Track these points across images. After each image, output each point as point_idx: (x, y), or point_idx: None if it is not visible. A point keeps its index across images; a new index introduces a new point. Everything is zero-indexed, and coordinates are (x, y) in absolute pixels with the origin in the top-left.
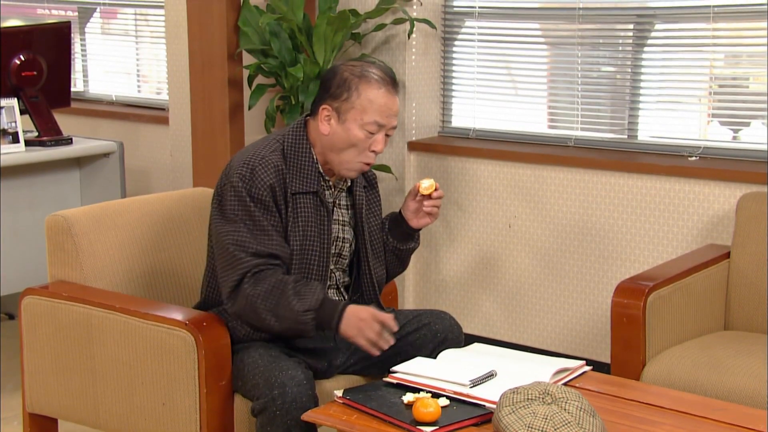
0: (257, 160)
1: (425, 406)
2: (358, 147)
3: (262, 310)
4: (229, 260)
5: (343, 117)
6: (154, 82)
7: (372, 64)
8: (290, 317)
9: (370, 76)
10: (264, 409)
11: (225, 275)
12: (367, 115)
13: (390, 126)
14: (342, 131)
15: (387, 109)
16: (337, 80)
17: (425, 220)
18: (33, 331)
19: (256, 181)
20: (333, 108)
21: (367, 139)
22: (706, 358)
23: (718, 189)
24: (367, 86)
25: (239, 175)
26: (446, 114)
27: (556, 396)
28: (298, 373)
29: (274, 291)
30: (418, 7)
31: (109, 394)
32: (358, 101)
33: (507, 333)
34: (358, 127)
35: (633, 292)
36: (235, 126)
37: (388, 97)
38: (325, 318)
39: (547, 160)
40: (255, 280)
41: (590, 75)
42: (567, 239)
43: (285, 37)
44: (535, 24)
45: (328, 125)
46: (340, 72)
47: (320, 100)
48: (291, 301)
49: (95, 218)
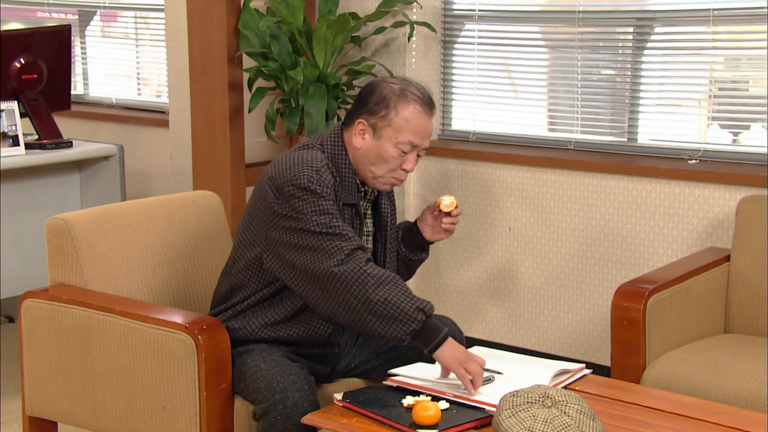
0: (317, 162)
1: (425, 409)
2: (390, 164)
3: (370, 287)
4: (329, 240)
5: (378, 133)
6: (154, 85)
7: (411, 83)
8: (400, 306)
9: (410, 95)
10: (265, 413)
11: (327, 255)
12: (402, 134)
13: (423, 147)
14: (375, 147)
15: (422, 130)
16: (376, 96)
17: (441, 236)
18: (33, 334)
19: (324, 181)
20: (369, 123)
21: (400, 157)
22: (706, 361)
23: (718, 192)
24: (405, 105)
25: (307, 176)
26: (446, 117)
27: (556, 399)
28: (300, 378)
29: (388, 278)
30: (418, 10)
31: (109, 398)
32: (396, 119)
33: (507, 336)
34: (392, 145)
35: (633, 295)
36: (235, 129)
37: (424, 118)
38: (427, 336)
39: (547, 163)
40: (372, 265)
41: (590, 78)
42: (567, 242)
43: (285, 40)
44: (535, 27)
45: (362, 139)
46: (380, 88)
47: (356, 113)
48: (407, 293)
49: (95, 221)
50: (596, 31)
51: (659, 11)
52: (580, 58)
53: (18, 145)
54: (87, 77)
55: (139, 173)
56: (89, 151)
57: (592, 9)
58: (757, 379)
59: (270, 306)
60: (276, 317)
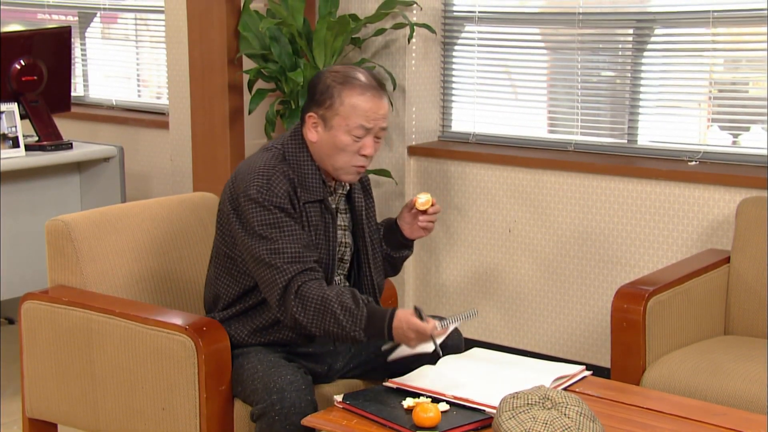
0: (269, 170)
1: (425, 411)
2: (347, 152)
3: (314, 332)
4: (268, 271)
5: (329, 124)
6: (154, 87)
7: (357, 69)
8: (344, 336)
9: (353, 81)
10: (263, 414)
11: (268, 288)
12: (351, 120)
13: (378, 128)
14: (329, 138)
15: (372, 113)
16: (320, 87)
17: (420, 234)
18: (33, 336)
19: (275, 189)
20: (318, 116)
21: (355, 143)
22: (706, 363)
23: (718, 194)
24: (350, 92)
25: (257, 186)
26: (446, 118)
27: (556, 401)
28: (297, 378)
29: (323, 314)
30: (418, 11)
31: (108, 399)
32: (341, 108)
33: (507, 338)
34: (344, 133)
35: (633, 297)
36: (235, 131)
37: (372, 101)
38: (376, 332)
39: (546, 165)
40: (300, 302)
41: (590, 80)
42: (567, 244)
43: (285, 41)
44: (535, 29)
45: (315, 132)
46: (323, 78)
47: (306, 107)
48: (341, 322)
49: (95, 223)
50: (596, 33)
51: (659, 13)
52: (579, 59)
53: (18, 146)
54: (87, 79)
55: (139, 175)
56: (89, 153)
57: (592, 10)
58: (757, 381)
59: (255, 313)
60: (262, 323)
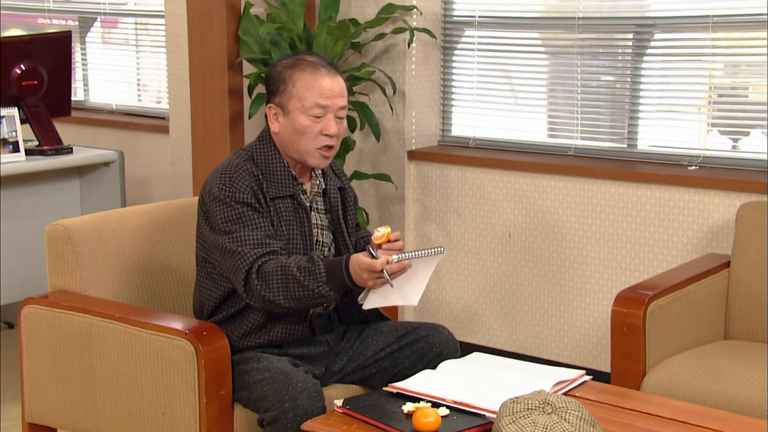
0: (232, 168)
1: (425, 415)
2: (308, 134)
3: (284, 303)
4: (232, 259)
5: (286, 110)
6: (154, 91)
7: (307, 53)
8: (311, 297)
9: (302, 63)
10: (274, 421)
11: (234, 275)
12: (306, 100)
13: (337, 107)
14: (290, 124)
15: (326, 90)
16: (273, 77)
17: None
18: (33, 341)
19: (237, 185)
20: (276, 104)
21: (315, 124)
22: (707, 368)
23: (718, 198)
24: (300, 73)
25: (219, 185)
26: (446, 123)
27: (556, 406)
28: (308, 385)
29: (286, 282)
30: (418, 16)
31: (108, 404)
32: (295, 90)
33: (507, 342)
34: (301, 114)
35: (633, 302)
36: (235, 135)
37: (324, 78)
38: (339, 283)
39: (546, 169)
40: (262, 279)
41: (590, 84)
42: (567, 248)
43: (285, 46)
44: (535, 33)
45: (277, 123)
46: (275, 67)
47: (266, 102)
48: (303, 282)
49: (95, 227)
50: (596, 38)
51: (659, 17)
52: (579, 64)
53: (18, 151)
54: (87, 83)
55: (140, 179)
56: (89, 157)
57: (592, 15)
58: (757, 386)
59: (241, 317)
60: (250, 326)
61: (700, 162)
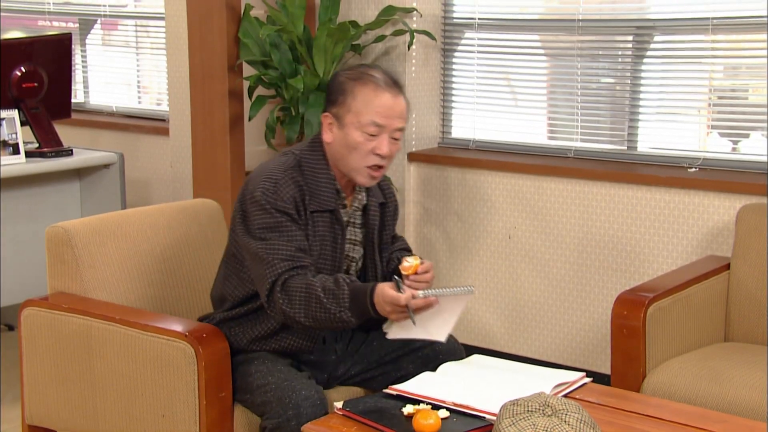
0: (279, 174)
1: (425, 417)
2: (359, 151)
3: (304, 321)
4: (261, 266)
5: (342, 122)
6: (154, 93)
7: (373, 68)
8: (331, 320)
9: (367, 78)
10: (277, 428)
11: (259, 282)
12: (363, 116)
13: (393, 128)
14: (343, 137)
15: (386, 110)
16: (335, 86)
17: None
18: (33, 343)
19: (280, 194)
20: (333, 114)
21: (368, 142)
22: (707, 370)
23: (718, 200)
24: (362, 88)
25: (262, 189)
26: (446, 125)
27: (556, 408)
28: (311, 393)
29: (308, 301)
30: (418, 18)
31: (108, 406)
32: (354, 103)
33: (507, 344)
34: (356, 131)
35: (633, 304)
36: (235, 137)
37: (386, 97)
38: (361, 310)
39: (546, 171)
40: (286, 294)
41: (590, 86)
42: (567, 250)
43: (285, 48)
44: (535, 35)
45: (330, 133)
46: (338, 78)
47: (324, 109)
48: (325, 305)
49: (95, 230)
50: (596, 40)
51: (659, 20)
52: (579, 66)
53: (18, 153)
54: (87, 85)
55: (140, 181)
56: (89, 159)
57: (592, 17)
58: (757, 388)
59: (258, 320)
60: (264, 331)
61: (700, 164)
